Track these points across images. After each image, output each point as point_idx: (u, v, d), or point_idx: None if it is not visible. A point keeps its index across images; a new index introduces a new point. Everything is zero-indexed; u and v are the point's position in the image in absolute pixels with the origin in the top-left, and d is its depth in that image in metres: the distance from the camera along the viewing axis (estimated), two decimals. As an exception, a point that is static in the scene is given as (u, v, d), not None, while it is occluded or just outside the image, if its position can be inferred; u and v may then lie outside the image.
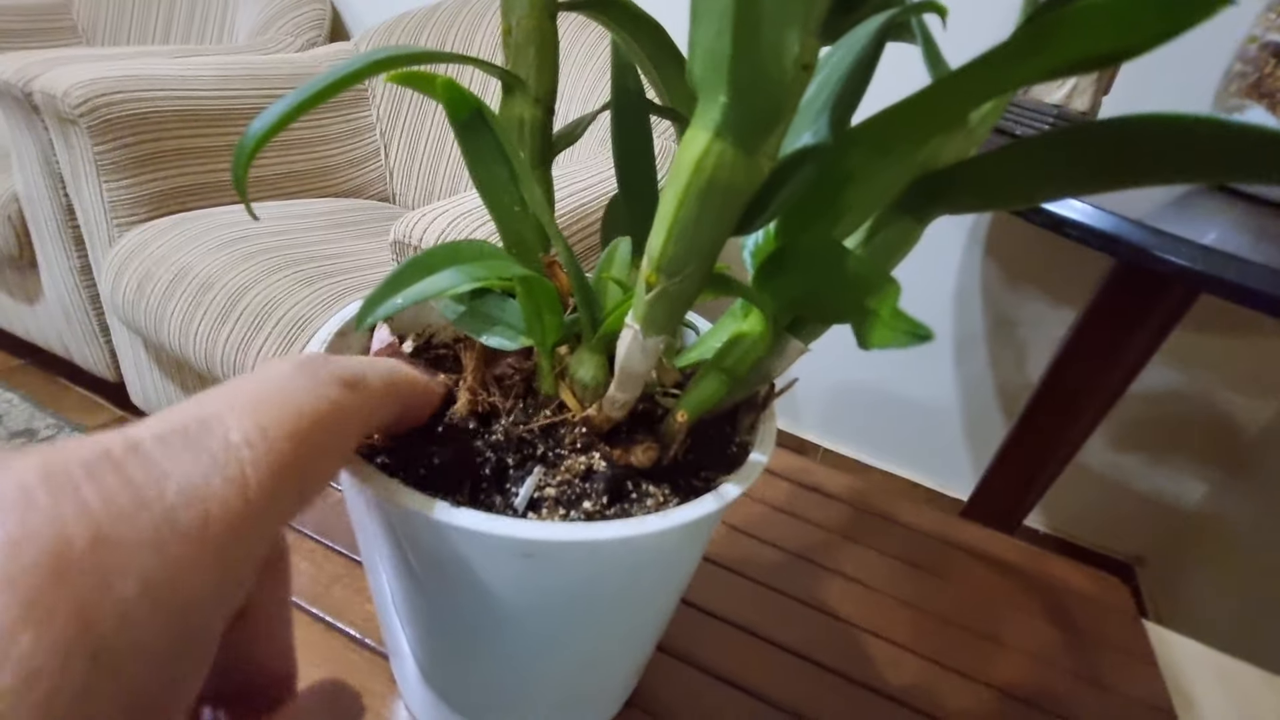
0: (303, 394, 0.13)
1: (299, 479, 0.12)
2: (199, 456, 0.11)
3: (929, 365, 1.32)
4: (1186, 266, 0.54)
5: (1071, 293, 1.19)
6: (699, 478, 0.20)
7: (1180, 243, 0.55)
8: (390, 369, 0.16)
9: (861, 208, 0.16)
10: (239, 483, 0.11)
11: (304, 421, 0.12)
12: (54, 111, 0.89)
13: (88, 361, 1.11)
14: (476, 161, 0.17)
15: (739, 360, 0.18)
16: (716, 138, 0.12)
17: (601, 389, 0.20)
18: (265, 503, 0.11)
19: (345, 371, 0.14)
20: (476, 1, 1.23)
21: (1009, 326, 1.26)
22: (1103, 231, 0.58)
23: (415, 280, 0.14)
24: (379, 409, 0.15)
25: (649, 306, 0.15)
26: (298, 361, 0.14)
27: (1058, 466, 0.98)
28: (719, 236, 0.14)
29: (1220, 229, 0.64)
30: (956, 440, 1.36)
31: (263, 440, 0.11)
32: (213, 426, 0.11)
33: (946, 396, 1.34)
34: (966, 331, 1.29)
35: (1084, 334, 0.85)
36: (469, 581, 0.17)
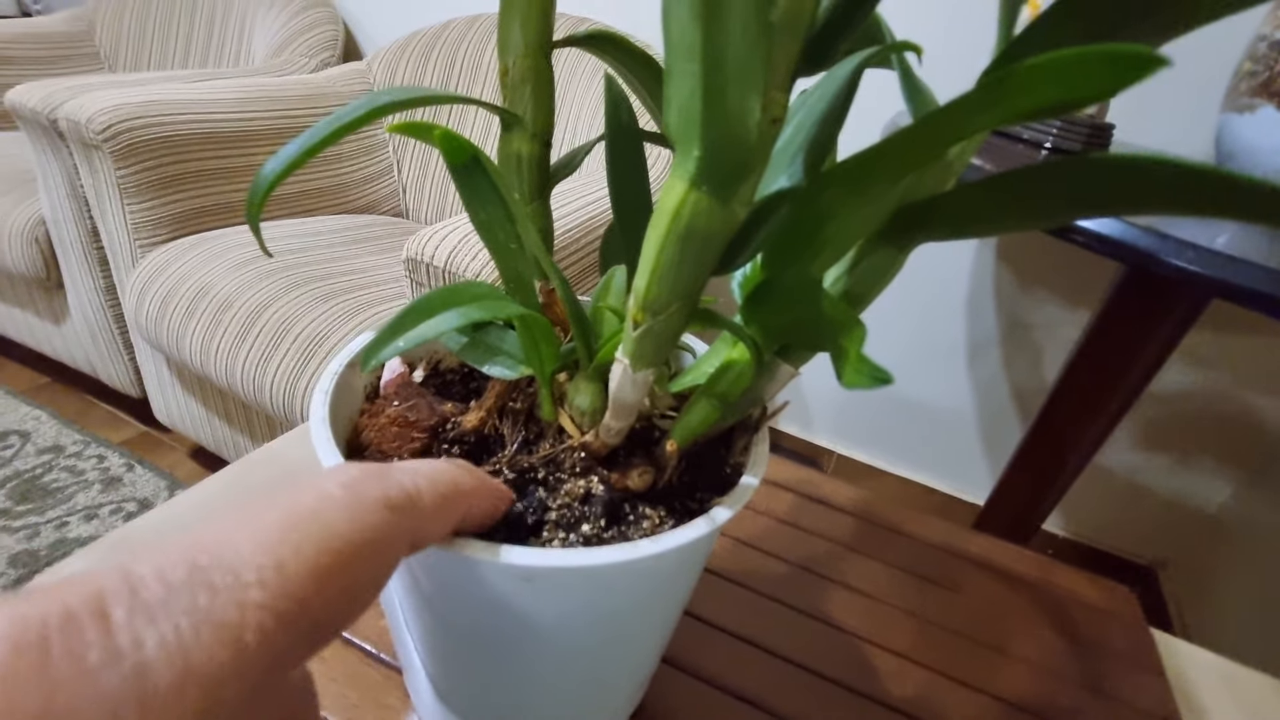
0: (341, 522, 0.11)
1: (316, 623, 0.10)
2: (196, 598, 0.09)
3: (943, 370, 1.31)
4: (1196, 271, 0.54)
5: (1084, 295, 1.18)
6: (694, 499, 0.21)
7: (1188, 247, 0.55)
8: (451, 481, 0.14)
9: (841, 242, 0.16)
10: (233, 631, 0.09)
11: (336, 556, 0.11)
12: (78, 137, 0.91)
13: (113, 379, 1.14)
14: (474, 203, 0.18)
15: (730, 386, 0.19)
16: (692, 188, 0.13)
17: (599, 415, 0.21)
18: (265, 655, 0.10)
19: (396, 491, 0.13)
20: (485, 20, 1.25)
21: (1022, 330, 1.26)
22: (1109, 237, 0.58)
23: (416, 324, 0.15)
24: (431, 528, 0.14)
25: (636, 343, 0.16)
26: (343, 481, 0.12)
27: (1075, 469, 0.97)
28: (699, 277, 0.14)
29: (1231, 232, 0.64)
30: (972, 444, 1.35)
31: (278, 578, 0.10)
32: (225, 558, 0.10)
33: (961, 401, 1.33)
34: (980, 336, 1.28)
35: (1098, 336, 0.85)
36: (475, 604, 0.18)
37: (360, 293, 0.93)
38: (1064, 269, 1.17)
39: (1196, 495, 1.21)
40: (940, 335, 1.29)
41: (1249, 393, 1.11)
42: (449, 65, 1.25)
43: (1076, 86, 0.11)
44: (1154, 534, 1.27)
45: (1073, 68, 0.10)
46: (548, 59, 0.23)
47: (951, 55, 0.82)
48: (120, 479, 1.06)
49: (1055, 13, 0.14)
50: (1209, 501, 1.20)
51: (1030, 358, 1.26)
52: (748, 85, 0.11)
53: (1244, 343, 1.08)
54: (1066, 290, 1.19)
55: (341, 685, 0.27)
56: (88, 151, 0.93)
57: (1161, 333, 0.76)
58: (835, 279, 0.19)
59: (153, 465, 1.10)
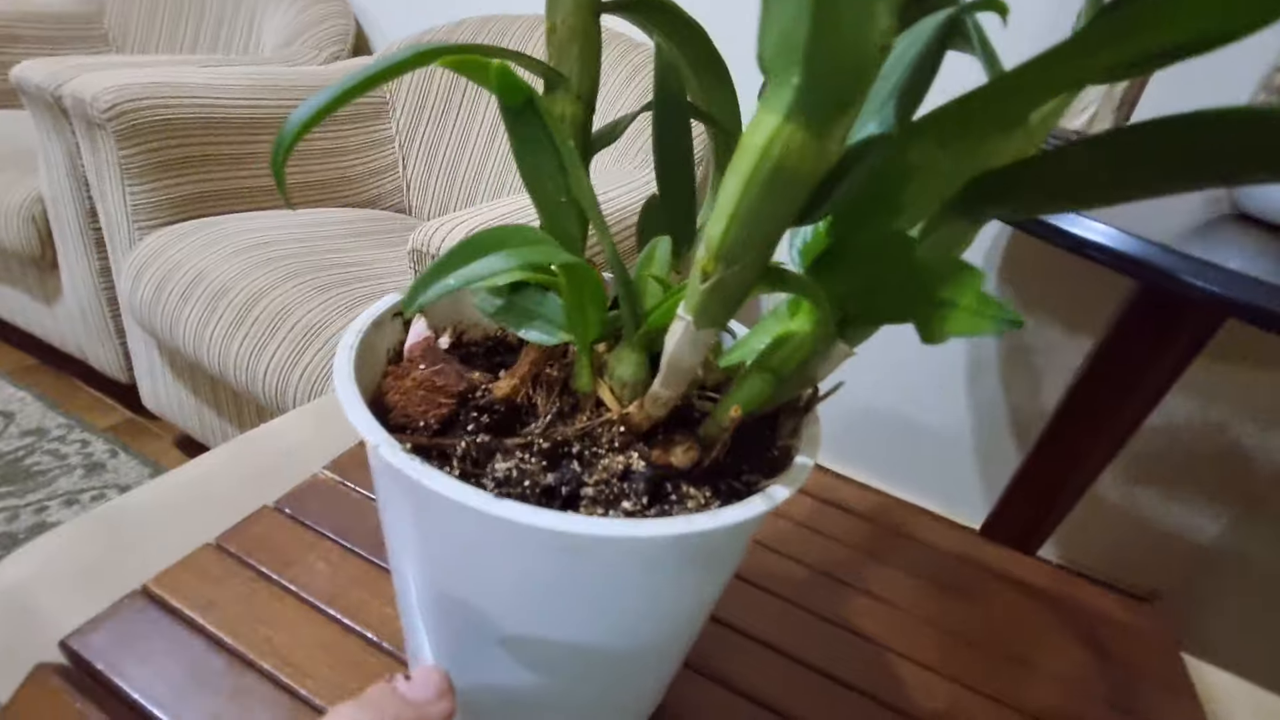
0: None
1: None
2: None
3: (940, 391, 1.31)
4: (1215, 292, 0.54)
5: (1086, 321, 1.18)
6: (739, 480, 0.20)
7: (1207, 267, 0.55)
8: None
9: (920, 204, 0.15)
10: None
11: None
12: (82, 115, 0.90)
13: (101, 363, 1.11)
14: (524, 150, 0.17)
15: (785, 360, 0.18)
16: (787, 121, 0.12)
17: (640, 387, 0.20)
18: None
19: None
20: (497, 21, 1.25)
21: (1022, 353, 1.25)
22: (1128, 254, 0.57)
23: (466, 262, 0.14)
24: None
25: (705, 296, 0.15)
26: None
27: (1073, 497, 0.96)
28: (781, 224, 0.13)
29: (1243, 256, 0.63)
30: (969, 467, 1.35)
31: None
32: None
33: (959, 423, 1.33)
34: (979, 357, 1.28)
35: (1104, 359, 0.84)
36: (505, 578, 0.17)
37: (359, 285, 0.92)
38: (1066, 294, 1.17)
39: (1189, 527, 1.20)
40: (939, 356, 1.28)
41: (1244, 425, 1.11)
42: (461, 63, 1.24)
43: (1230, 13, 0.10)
44: (1146, 564, 1.26)
45: None
46: (597, 19, 0.22)
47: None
48: (103, 465, 1.03)
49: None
50: (1201, 533, 1.19)
51: (1029, 382, 1.26)
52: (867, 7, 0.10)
53: (1239, 375, 1.08)
54: (1068, 315, 1.19)
55: (341, 673, 0.25)
56: (91, 130, 0.91)
57: (1171, 354, 0.75)
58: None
59: (137, 452, 1.08)
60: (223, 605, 0.26)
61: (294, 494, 0.32)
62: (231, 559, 0.28)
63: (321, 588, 0.28)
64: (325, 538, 0.30)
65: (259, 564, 0.28)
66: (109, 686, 0.23)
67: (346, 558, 0.29)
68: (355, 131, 1.23)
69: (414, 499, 0.16)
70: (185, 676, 0.24)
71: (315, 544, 0.30)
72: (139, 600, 0.26)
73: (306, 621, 0.27)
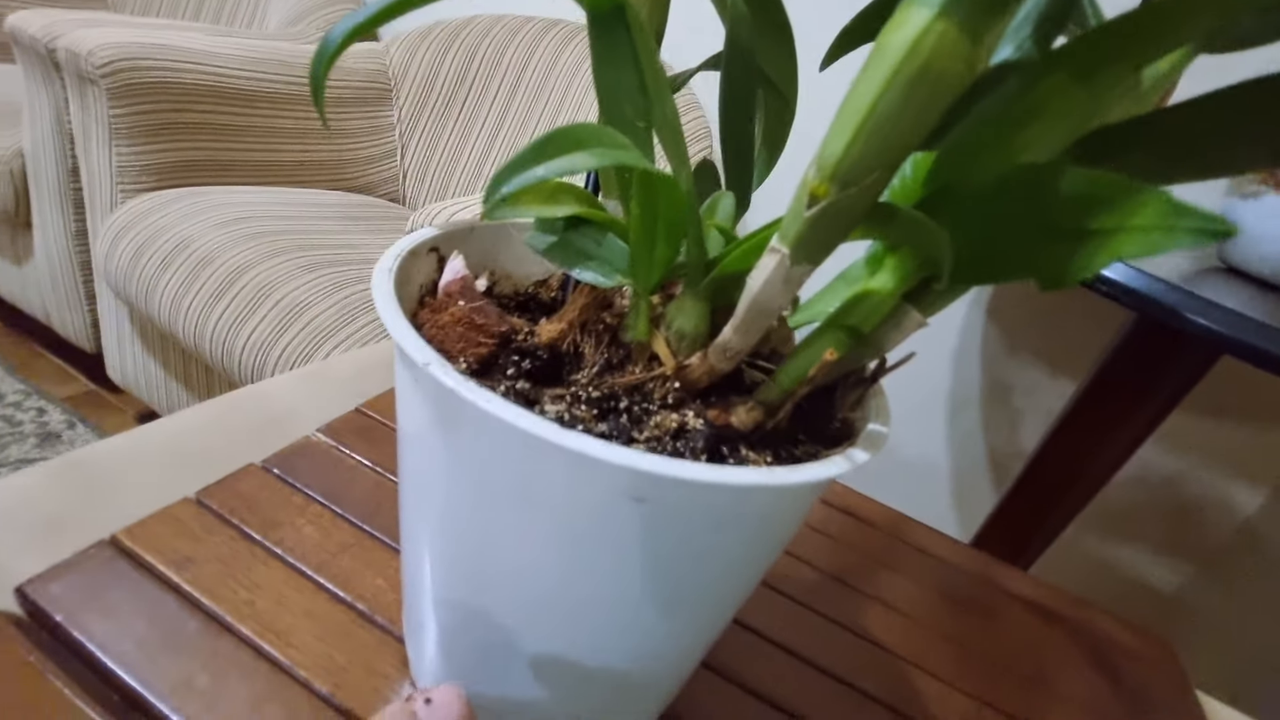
0: None
1: None
2: None
3: (922, 422, 1.31)
4: (1216, 330, 0.54)
5: (1070, 365, 1.19)
6: (799, 449, 0.18)
7: (1209, 305, 0.55)
8: None
9: (1040, 148, 0.14)
10: None
11: None
12: (75, 70, 0.87)
13: (68, 329, 1.06)
14: (604, 63, 0.16)
15: (864, 318, 0.17)
16: (941, 15, 0.11)
17: (700, 341, 0.18)
18: None
19: None
20: (508, 21, 1.25)
21: (1004, 391, 1.27)
22: (1134, 289, 0.57)
23: (560, 154, 0.12)
24: None
25: (809, 225, 0.13)
26: None
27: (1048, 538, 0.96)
28: (914, 140, 0.12)
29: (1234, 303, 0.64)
30: (944, 502, 1.35)
31: None
32: None
33: (938, 455, 1.33)
34: (962, 393, 1.29)
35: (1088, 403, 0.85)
36: (554, 528, 0.15)
37: (348, 267, 0.89)
38: (1052, 334, 1.19)
39: (1155, 575, 1.21)
40: (923, 387, 1.29)
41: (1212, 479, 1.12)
42: (468, 59, 1.24)
43: None
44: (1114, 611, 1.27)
45: None
46: (672, -46, 0.21)
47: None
48: (58, 435, 0.98)
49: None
50: (1165, 584, 1.21)
51: (1008, 420, 1.27)
52: None
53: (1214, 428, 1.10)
54: (1052, 356, 1.20)
55: (329, 645, 0.23)
56: (82, 86, 0.88)
57: (1159, 396, 0.76)
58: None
59: (95, 425, 1.03)
60: (200, 563, 0.24)
61: (284, 454, 0.30)
62: (212, 515, 0.26)
63: (310, 553, 0.26)
64: (315, 501, 0.28)
65: (242, 523, 0.26)
66: (68, 641, 0.20)
67: (338, 524, 0.27)
68: (357, 115, 1.20)
69: (457, 432, 0.15)
70: (155, 636, 0.21)
71: (304, 507, 0.27)
72: (107, 550, 0.23)
73: (292, 587, 0.24)
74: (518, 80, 1.21)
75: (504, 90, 1.22)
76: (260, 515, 0.26)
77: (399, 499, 0.20)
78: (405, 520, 0.20)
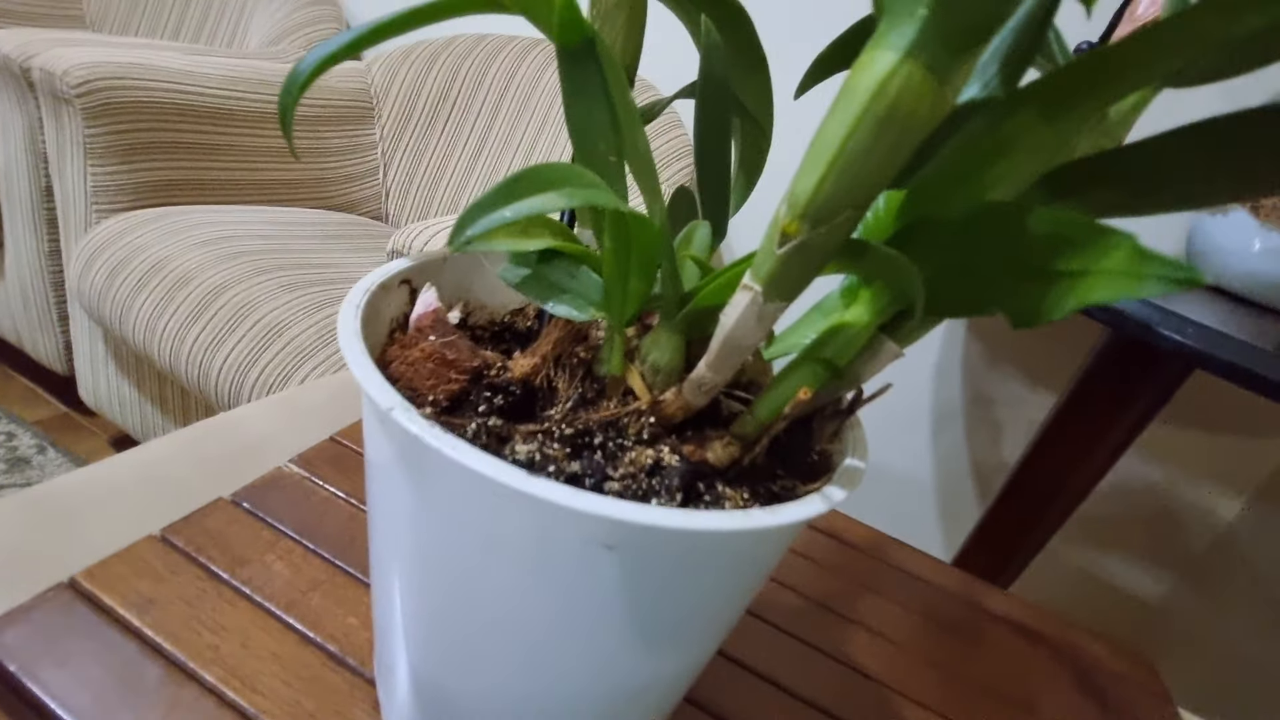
0: None
1: None
2: None
3: (905, 436, 1.32)
4: (1189, 345, 0.55)
5: (1050, 377, 1.21)
6: (776, 484, 0.18)
7: (1183, 321, 0.56)
8: None
9: (1008, 184, 0.14)
10: None
11: None
12: (50, 89, 0.85)
13: (39, 352, 1.04)
14: (575, 98, 0.15)
15: (839, 351, 0.16)
16: (907, 58, 0.11)
17: (675, 375, 0.18)
18: None
19: None
20: (491, 40, 1.25)
21: (986, 404, 1.28)
22: (1107, 306, 0.58)
23: (528, 194, 0.12)
24: None
25: (781, 262, 0.13)
26: None
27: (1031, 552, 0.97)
28: (883, 179, 0.12)
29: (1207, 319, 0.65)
30: (928, 514, 1.35)
31: None
32: None
33: (921, 469, 1.34)
34: (945, 406, 1.30)
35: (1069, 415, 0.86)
36: (522, 575, 0.14)
37: (329, 287, 0.88)
38: (1032, 348, 1.20)
39: (1137, 586, 1.22)
40: (906, 401, 1.30)
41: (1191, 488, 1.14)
42: (450, 79, 1.24)
43: None
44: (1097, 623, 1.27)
45: None
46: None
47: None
48: (28, 460, 0.95)
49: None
50: (1148, 593, 1.22)
51: (991, 433, 1.28)
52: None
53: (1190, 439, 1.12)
54: (1032, 370, 1.21)
55: (297, 690, 0.22)
56: (57, 105, 0.87)
57: (1136, 409, 0.77)
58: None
59: (66, 450, 1.00)
60: (163, 605, 0.23)
61: (254, 486, 0.29)
62: (178, 554, 0.25)
63: (279, 591, 0.25)
64: (286, 536, 0.27)
65: (209, 561, 0.25)
66: (20, 691, 0.19)
67: (309, 559, 0.26)
68: (338, 134, 1.20)
69: (423, 473, 0.14)
70: (113, 685, 0.20)
71: (275, 542, 0.27)
72: (65, 594, 0.22)
73: (259, 628, 0.23)
74: (500, 99, 1.22)
75: (487, 109, 1.22)
76: (228, 552, 0.26)
77: (369, 533, 0.20)
78: (375, 556, 0.19)
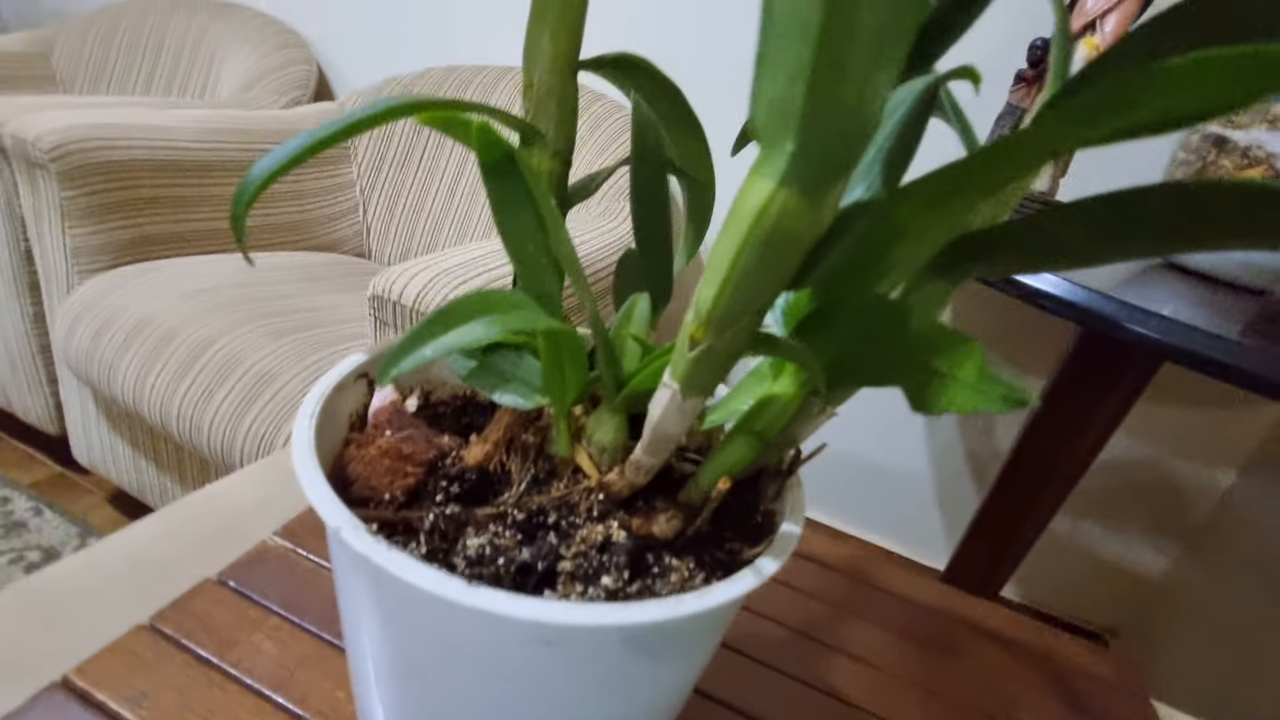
0: None
1: None
2: None
3: (901, 434, 1.33)
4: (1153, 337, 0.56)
5: (1036, 363, 1.22)
6: (723, 549, 0.19)
7: (1148, 315, 0.57)
8: None
9: (905, 266, 0.15)
10: None
11: None
12: (23, 155, 0.86)
13: (29, 413, 1.04)
14: (503, 208, 0.16)
15: (770, 423, 0.17)
16: (781, 186, 0.12)
17: (620, 453, 0.19)
18: None
19: None
20: (461, 71, 1.26)
21: (977, 395, 1.28)
22: (1074, 303, 0.59)
23: (445, 331, 0.13)
24: None
25: (693, 365, 0.14)
26: None
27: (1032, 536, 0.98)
28: (774, 289, 0.13)
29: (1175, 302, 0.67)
30: (930, 509, 1.36)
31: None
32: None
33: (918, 465, 1.35)
34: (937, 399, 1.30)
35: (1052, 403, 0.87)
36: (476, 668, 0.15)
37: (316, 330, 0.89)
38: (1017, 336, 1.21)
39: (1139, 562, 1.23)
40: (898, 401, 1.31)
41: (1185, 463, 1.15)
42: (424, 111, 1.25)
43: (1223, 90, 0.10)
44: (1102, 601, 1.28)
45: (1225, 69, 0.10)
46: (574, 76, 0.22)
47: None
48: (25, 524, 0.96)
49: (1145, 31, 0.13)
50: (1152, 569, 1.23)
51: (983, 423, 1.29)
52: (875, 69, 0.10)
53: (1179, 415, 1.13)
54: (1019, 356, 1.23)
55: (288, 768, 0.23)
56: (31, 171, 0.88)
57: (1115, 398, 0.78)
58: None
59: (64, 510, 1.00)
60: (156, 696, 0.24)
61: (240, 564, 0.30)
62: (167, 642, 0.26)
63: (267, 671, 0.26)
64: (273, 613, 0.28)
65: (198, 647, 0.26)
66: (16, 798, 0.20)
67: (296, 635, 0.27)
68: (316, 175, 1.21)
69: (378, 585, 0.15)
70: (107, 781, 0.21)
71: (261, 620, 0.27)
72: (58, 694, 0.23)
73: (249, 710, 0.24)
74: (474, 128, 1.23)
75: (461, 138, 1.23)
76: (217, 635, 0.26)
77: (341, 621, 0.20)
78: (348, 642, 0.20)
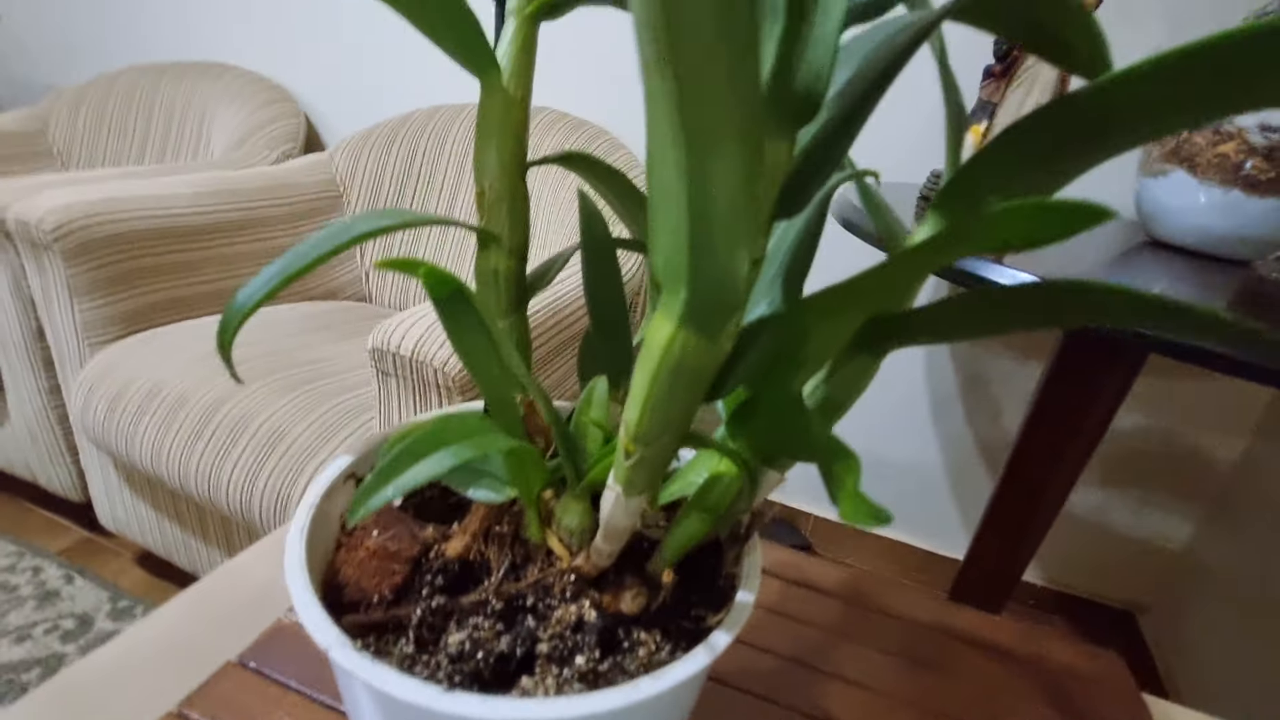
0: None
1: None
2: None
3: (911, 428, 1.34)
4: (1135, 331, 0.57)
5: (1035, 348, 1.23)
6: (689, 617, 0.20)
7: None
8: None
9: (819, 358, 0.17)
10: None
11: None
12: (27, 237, 0.90)
13: (53, 483, 1.07)
14: (457, 332, 0.18)
15: (719, 499, 0.19)
16: (681, 326, 0.13)
17: (588, 534, 0.21)
18: None
19: None
20: (445, 111, 1.29)
21: (981, 384, 1.29)
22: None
23: (406, 469, 0.15)
24: None
25: (629, 472, 0.16)
26: None
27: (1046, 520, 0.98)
28: (689, 408, 0.15)
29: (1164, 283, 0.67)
30: (945, 500, 1.36)
31: None
32: None
33: (930, 457, 1.35)
34: (941, 393, 1.31)
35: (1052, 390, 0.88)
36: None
37: (323, 381, 0.91)
38: (1013, 325, 1.22)
39: (1161, 535, 1.23)
40: (904, 395, 1.32)
41: (1197, 433, 1.15)
42: (410, 154, 1.28)
43: (1041, 231, 0.12)
44: (1128, 577, 1.28)
45: (1039, 216, 0.11)
46: (523, 178, 0.24)
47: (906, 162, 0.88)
48: (57, 592, 0.98)
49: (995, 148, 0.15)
50: (1172, 541, 1.23)
51: (990, 411, 1.29)
52: (734, 239, 0.12)
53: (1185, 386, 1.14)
54: (1019, 343, 1.23)
55: (314, 840, 0.24)
56: (36, 251, 0.91)
57: (1111, 382, 0.79)
58: (814, 388, 0.19)
59: (94, 575, 1.03)
60: (186, 779, 0.26)
61: (258, 645, 0.31)
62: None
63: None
64: (292, 690, 0.30)
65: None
66: None
67: (315, 711, 0.29)
68: (311, 225, 1.24)
69: (369, 689, 0.17)
70: None
71: (281, 699, 0.29)
72: (96, 786, 0.25)
73: (275, 786, 0.26)
74: (462, 166, 1.25)
75: (450, 175, 1.26)
76: (241, 717, 0.28)
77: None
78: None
